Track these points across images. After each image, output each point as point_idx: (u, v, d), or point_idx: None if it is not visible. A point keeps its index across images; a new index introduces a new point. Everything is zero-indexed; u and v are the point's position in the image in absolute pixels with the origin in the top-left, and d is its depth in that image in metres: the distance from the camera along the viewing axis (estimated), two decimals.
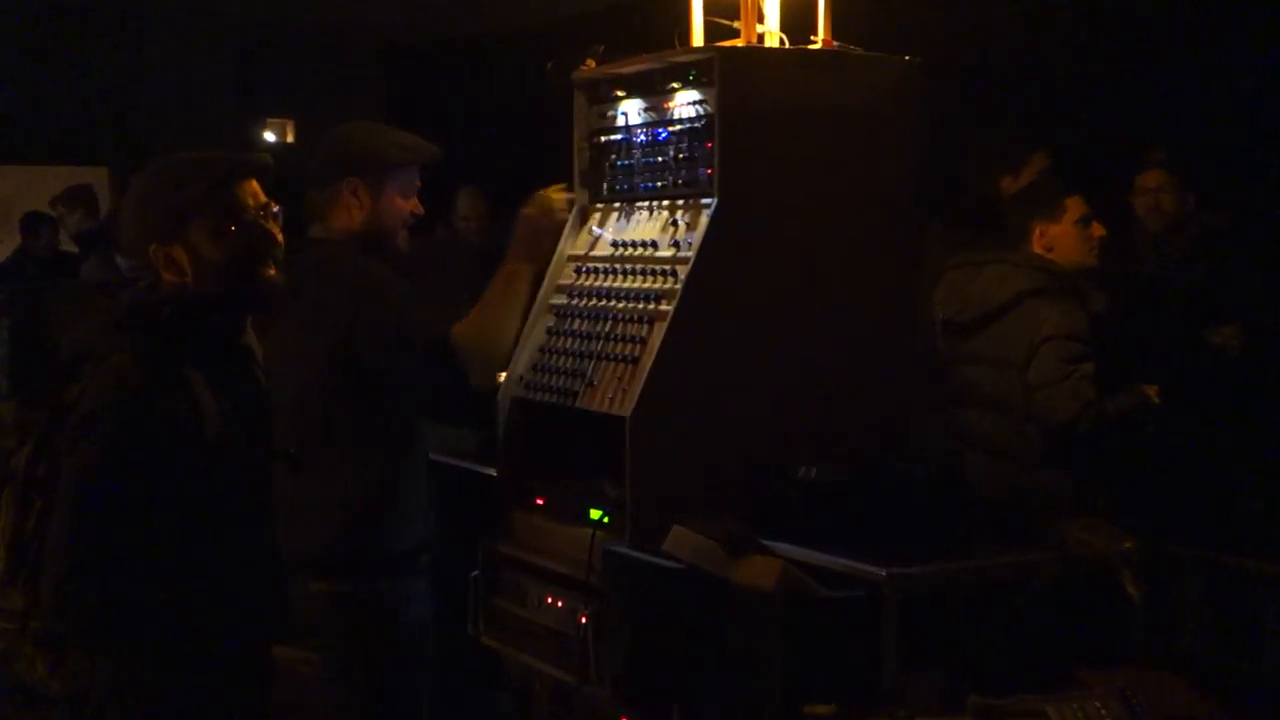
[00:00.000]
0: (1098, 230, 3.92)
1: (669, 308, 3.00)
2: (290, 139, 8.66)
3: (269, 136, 8.50)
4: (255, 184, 2.37)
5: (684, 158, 3.13)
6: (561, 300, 3.34)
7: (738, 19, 3.08)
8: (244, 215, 2.34)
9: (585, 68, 3.28)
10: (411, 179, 3.09)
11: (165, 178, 2.34)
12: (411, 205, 3.09)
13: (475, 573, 3.31)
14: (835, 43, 3.11)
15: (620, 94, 3.29)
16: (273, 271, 2.37)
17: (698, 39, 3.17)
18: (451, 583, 3.35)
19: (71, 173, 7.93)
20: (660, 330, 2.99)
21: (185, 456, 2.22)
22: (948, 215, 4.61)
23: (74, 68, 8.84)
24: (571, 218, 3.37)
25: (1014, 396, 3.79)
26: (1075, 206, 3.94)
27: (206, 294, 2.32)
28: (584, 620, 2.91)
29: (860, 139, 3.13)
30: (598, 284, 3.26)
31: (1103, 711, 2.34)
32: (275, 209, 2.39)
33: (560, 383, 3.17)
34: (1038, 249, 3.92)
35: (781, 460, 2.93)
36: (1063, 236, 3.90)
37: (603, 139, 3.35)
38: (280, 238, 2.39)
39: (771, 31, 3.10)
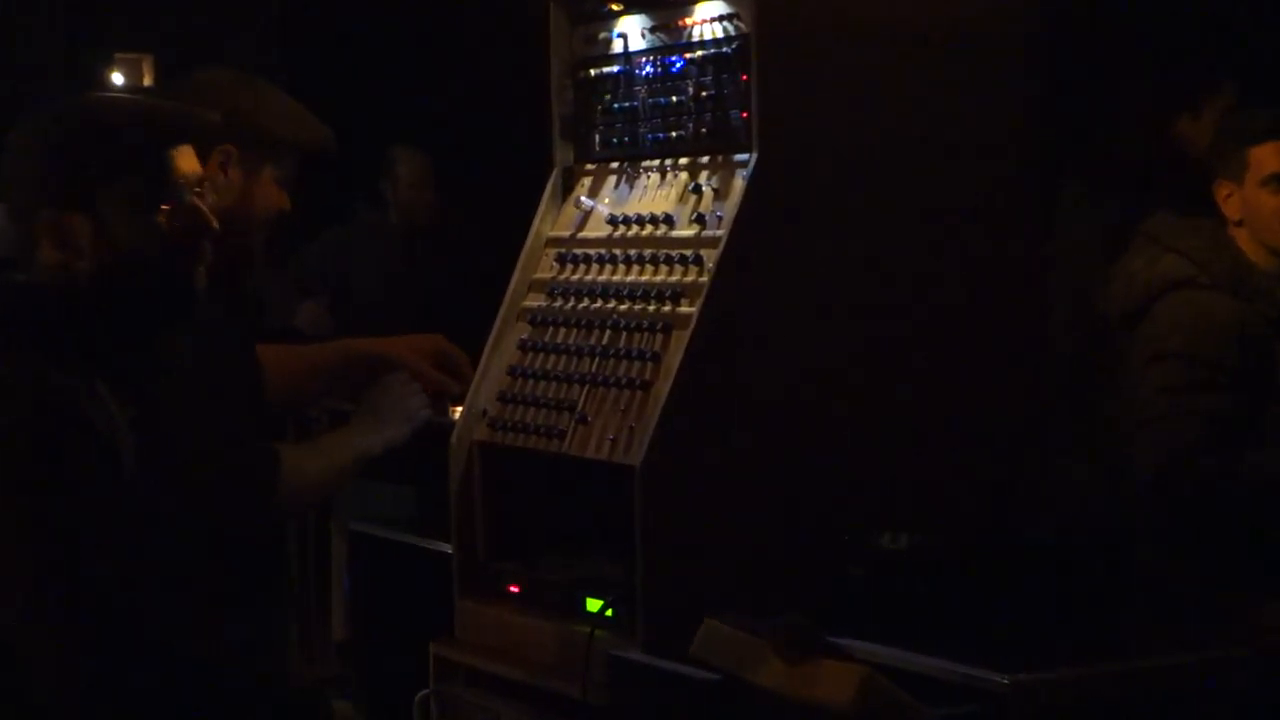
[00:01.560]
0: None
1: (691, 310, 3.02)
2: (147, 81, 8.65)
3: (116, 79, 8.49)
4: (192, 150, 2.46)
5: (708, 96, 3.14)
6: (539, 302, 3.35)
7: None
8: (179, 188, 2.41)
9: None
10: (293, 166, 3.17)
11: (74, 122, 2.41)
12: (282, 199, 3.16)
13: (423, 692, 3.32)
14: None
15: (615, 7, 3.31)
16: (201, 271, 2.46)
17: None
18: (389, 708, 3.37)
19: None
20: (680, 342, 3.00)
21: (97, 502, 2.30)
22: (1093, 173, 4.58)
23: None
24: (550, 184, 3.42)
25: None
26: (1264, 159, 3.84)
27: (107, 287, 2.38)
28: None
29: (956, 71, 3.16)
30: (589, 278, 3.27)
31: None
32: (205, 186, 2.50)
33: (540, 419, 3.19)
34: (1232, 218, 3.89)
35: (854, 525, 2.97)
36: (1251, 204, 3.85)
37: (591, 72, 3.36)
38: (215, 225, 2.47)
39: None
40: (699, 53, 3.15)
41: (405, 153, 6.73)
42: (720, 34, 3.11)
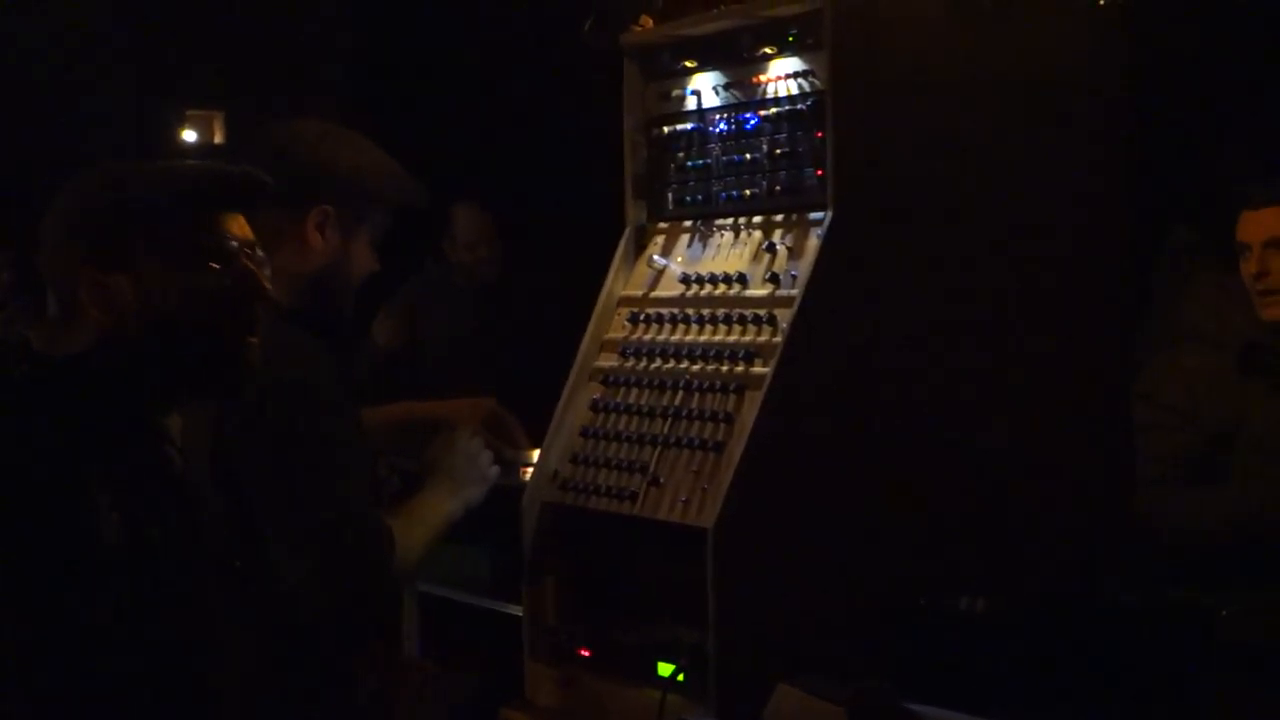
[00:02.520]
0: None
1: (765, 370, 3.02)
2: (218, 139, 8.67)
3: (188, 135, 8.49)
4: (243, 217, 2.39)
5: (783, 154, 3.16)
6: (611, 362, 3.37)
7: None
8: (228, 251, 2.34)
9: (639, 27, 3.33)
10: (386, 223, 3.14)
11: (117, 179, 2.36)
12: (374, 260, 3.13)
13: None
14: None
15: (690, 64, 3.33)
16: (253, 342, 2.36)
17: None
18: None
19: None
20: (753, 403, 3.01)
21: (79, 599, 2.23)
22: (1205, 216, 4.52)
23: None
24: (623, 243, 3.44)
25: None
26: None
27: (144, 351, 2.30)
28: None
29: (1034, 123, 3.18)
30: (662, 338, 3.29)
31: None
32: (260, 253, 2.40)
33: (611, 481, 3.20)
34: None
35: (932, 588, 2.97)
36: None
37: (665, 130, 3.39)
38: (268, 289, 2.40)
39: None
40: (773, 110, 3.17)
41: (464, 211, 6.71)
42: (795, 91, 3.13)
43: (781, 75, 3.15)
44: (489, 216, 6.74)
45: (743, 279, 3.18)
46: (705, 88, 3.32)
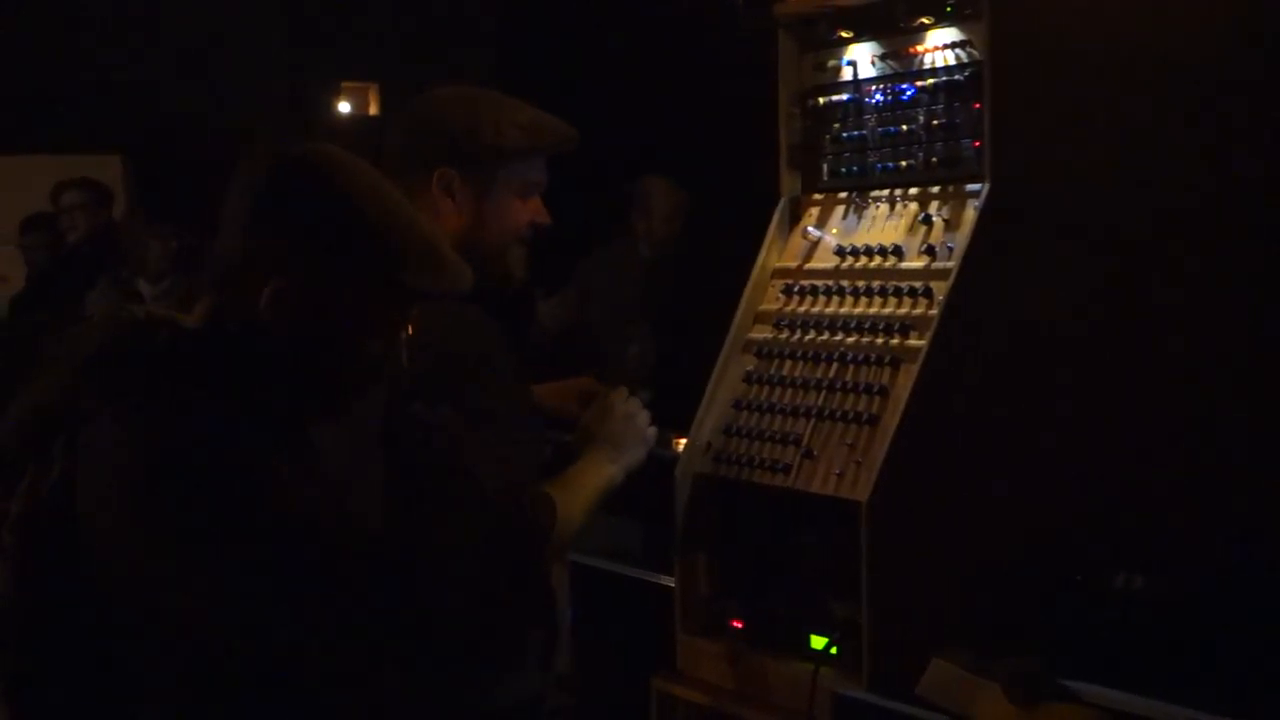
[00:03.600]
0: None
1: (921, 343, 3.05)
2: (373, 110, 8.74)
3: (343, 107, 8.55)
4: None
5: (940, 125, 3.18)
6: (765, 334, 3.39)
7: None
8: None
9: None
10: (534, 173, 3.04)
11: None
12: (533, 211, 3.04)
13: None
14: None
15: (845, 35, 3.35)
16: (379, 342, 2.41)
17: None
18: None
19: (71, 163, 8.20)
20: (910, 376, 3.03)
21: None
22: None
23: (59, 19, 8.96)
24: (778, 214, 3.46)
25: None
26: None
27: (302, 346, 2.34)
28: None
29: (1202, 101, 3.19)
30: (816, 310, 3.31)
31: None
32: None
33: (765, 453, 3.22)
34: None
35: (1091, 564, 3.00)
36: None
37: (820, 101, 3.41)
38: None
39: None
40: (930, 80, 3.19)
41: (660, 186, 6.75)
42: (952, 61, 3.15)
43: (939, 45, 3.17)
44: (683, 193, 6.77)
45: (898, 251, 3.20)
46: (861, 58, 3.33)
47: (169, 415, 2.25)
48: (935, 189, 3.20)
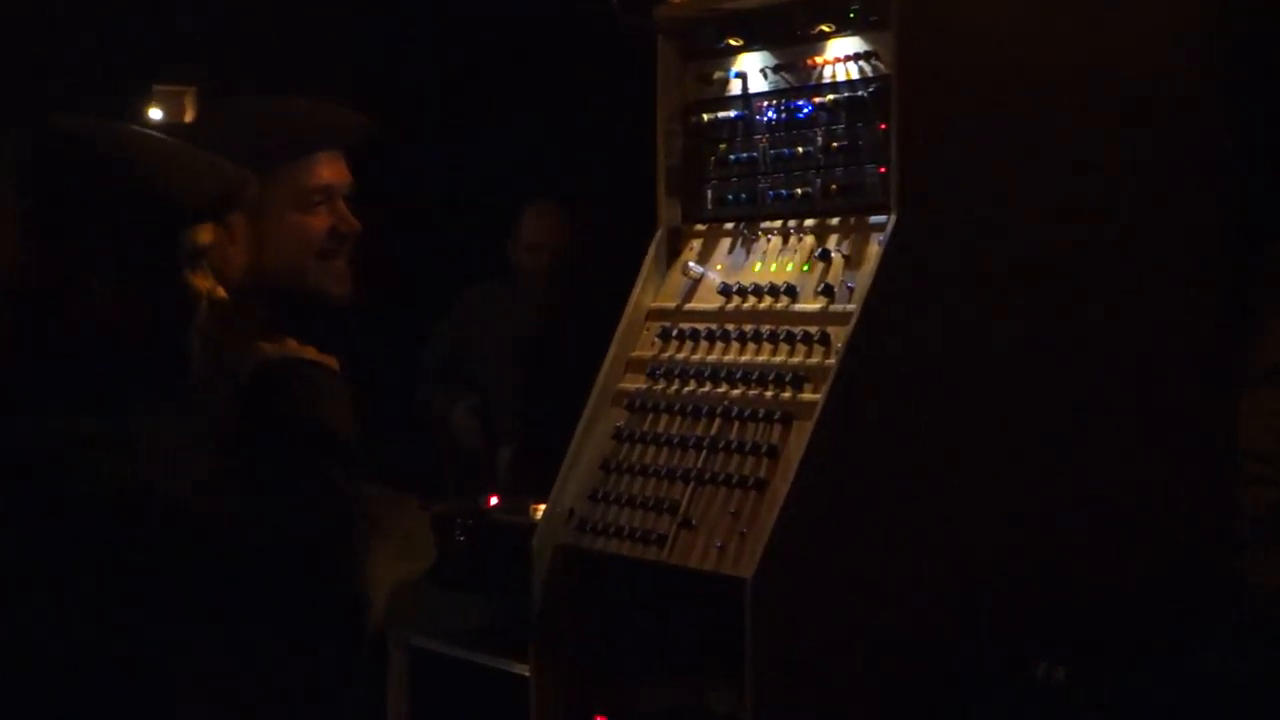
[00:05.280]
0: None
1: (817, 397, 3.01)
2: (188, 118, 8.66)
3: (154, 114, 8.48)
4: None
5: (841, 148, 3.15)
6: (638, 384, 3.35)
7: None
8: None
9: (675, 0, 3.34)
10: (310, 178, 3.05)
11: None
12: (329, 218, 3.05)
13: None
14: None
15: (734, 43, 3.32)
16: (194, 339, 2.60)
17: None
18: None
19: None
20: (803, 434, 2.99)
21: None
22: None
23: None
24: (654, 248, 3.44)
25: None
26: None
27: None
28: None
29: (1130, 118, 3.19)
30: (697, 358, 3.27)
31: None
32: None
33: (636, 522, 3.18)
34: None
35: (1005, 652, 2.97)
36: None
37: (705, 118, 3.38)
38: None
39: None
40: (830, 96, 3.16)
41: (530, 210, 6.75)
42: (855, 75, 3.12)
43: (840, 57, 3.14)
44: (562, 216, 6.77)
45: (792, 291, 3.17)
46: (752, 70, 3.30)
47: None
48: (835, 220, 3.17)
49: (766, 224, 3.28)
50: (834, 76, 3.16)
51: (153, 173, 2.54)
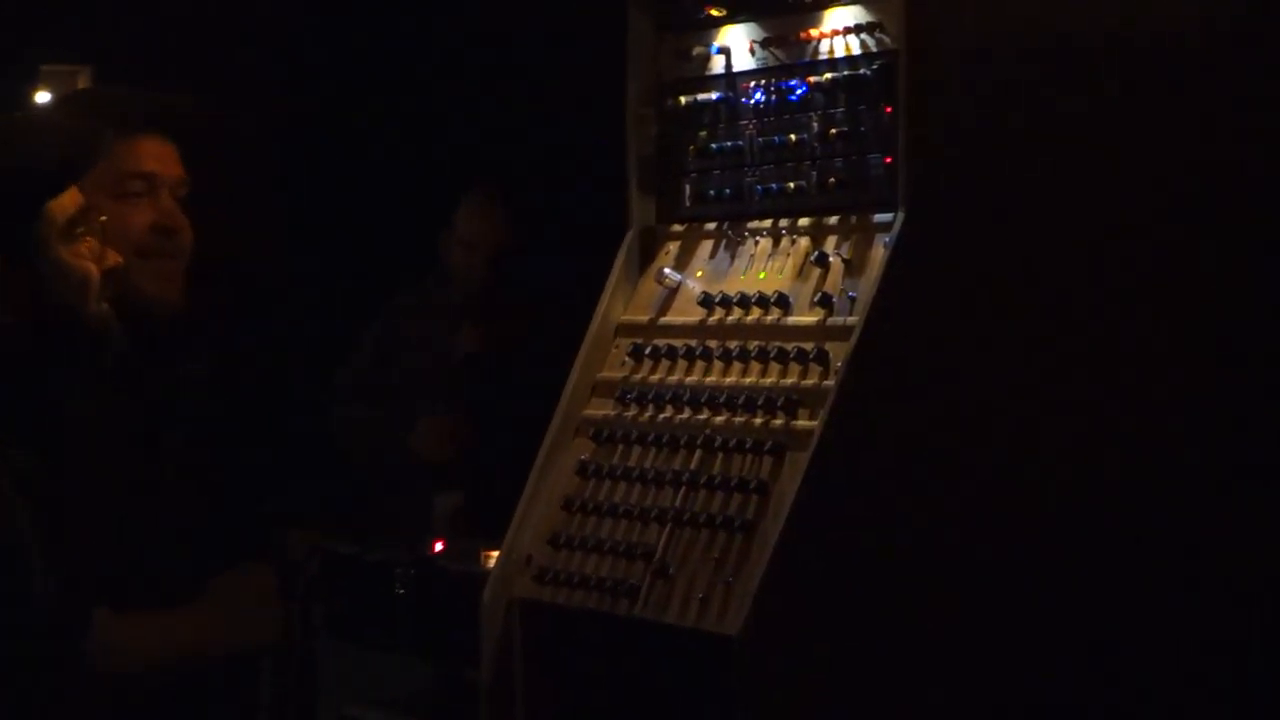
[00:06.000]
0: None
1: (813, 424, 2.95)
2: None
3: (43, 97, 8.60)
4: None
5: (840, 135, 3.10)
6: (605, 410, 3.31)
7: None
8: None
9: None
10: (131, 163, 3.11)
11: None
12: (151, 214, 3.12)
13: None
14: None
15: (716, 13, 3.29)
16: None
17: None
18: None
19: None
20: (797, 468, 2.94)
21: None
22: None
23: None
24: (623, 252, 3.39)
25: None
26: None
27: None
28: None
29: (1162, 95, 3.16)
30: (674, 379, 3.23)
31: None
32: None
33: (604, 570, 3.14)
34: None
35: (1019, 715, 3.01)
36: None
37: (682, 101, 3.34)
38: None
39: None
40: (827, 75, 3.12)
41: (470, 201, 6.49)
42: (857, 49, 3.08)
43: (839, 29, 3.11)
44: (500, 205, 6.51)
45: (784, 301, 3.12)
46: (737, 44, 3.27)
47: None
48: (833, 219, 3.12)
49: (754, 224, 3.23)
50: (831, 52, 3.13)
51: None
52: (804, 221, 3.14)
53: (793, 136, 3.16)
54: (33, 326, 2.71)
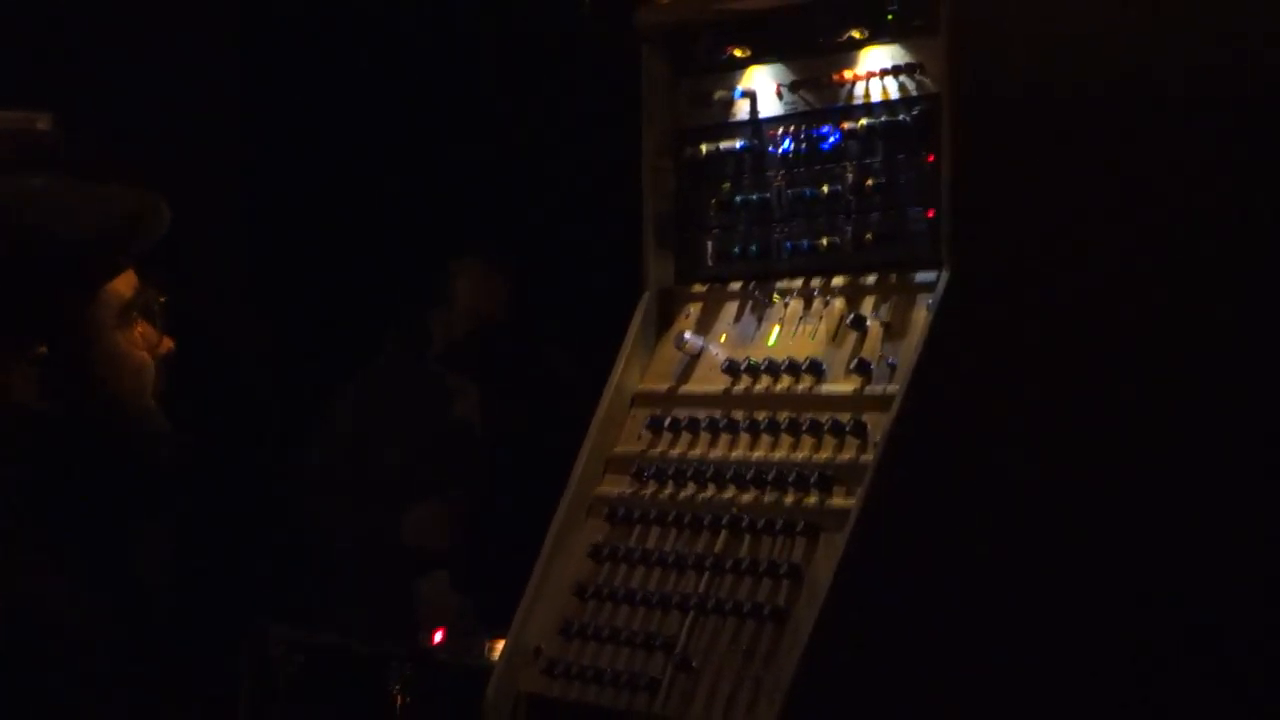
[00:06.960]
0: None
1: (850, 503, 2.91)
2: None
3: None
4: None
5: (876, 187, 3.07)
6: (621, 488, 3.29)
7: None
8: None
9: (663, 1, 3.33)
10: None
11: None
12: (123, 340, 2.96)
13: None
14: None
15: (740, 54, 3.26)
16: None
17: None
18: None
19: None
20: (833, 550, 2.90)
21: None
22: None
23: None
24: (639, 314, 3.37)
25: None
26: None
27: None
28: None
29: (1242, 149, 3.11)
30: (697, 454, 3.21)
31: None
32: None
33: (620, 663, 3.11)
34: None
35: None
36: None
37: (703, 149, 3.32)
38: None
39: None
40: (863, 121, 3.09)
41: (465, 269, 6.58)
42: (895, 93, 3.05)
43: (876, 71, 3.09)
44: (500, 276, 6.62)
45: (816, 368, 3.08)
46: (763, 88, 3.24)
47: None
48: (870, 279, 3.08)
49: (783, 284, 3.21)
50: (867, 96, 3.10)
51: (24, 217, 2.68)
52: (838, 281, 3.12)
53: (825, 188, 3.12)
54: (83, 421, 2.68)
